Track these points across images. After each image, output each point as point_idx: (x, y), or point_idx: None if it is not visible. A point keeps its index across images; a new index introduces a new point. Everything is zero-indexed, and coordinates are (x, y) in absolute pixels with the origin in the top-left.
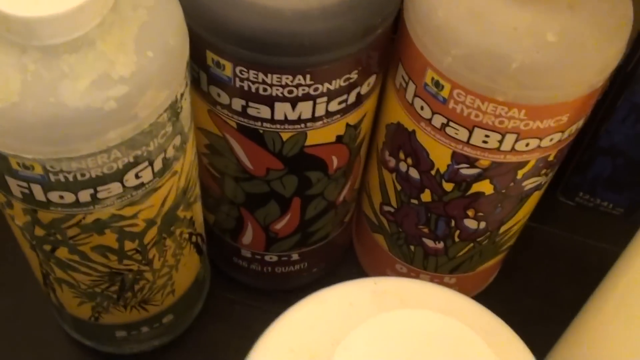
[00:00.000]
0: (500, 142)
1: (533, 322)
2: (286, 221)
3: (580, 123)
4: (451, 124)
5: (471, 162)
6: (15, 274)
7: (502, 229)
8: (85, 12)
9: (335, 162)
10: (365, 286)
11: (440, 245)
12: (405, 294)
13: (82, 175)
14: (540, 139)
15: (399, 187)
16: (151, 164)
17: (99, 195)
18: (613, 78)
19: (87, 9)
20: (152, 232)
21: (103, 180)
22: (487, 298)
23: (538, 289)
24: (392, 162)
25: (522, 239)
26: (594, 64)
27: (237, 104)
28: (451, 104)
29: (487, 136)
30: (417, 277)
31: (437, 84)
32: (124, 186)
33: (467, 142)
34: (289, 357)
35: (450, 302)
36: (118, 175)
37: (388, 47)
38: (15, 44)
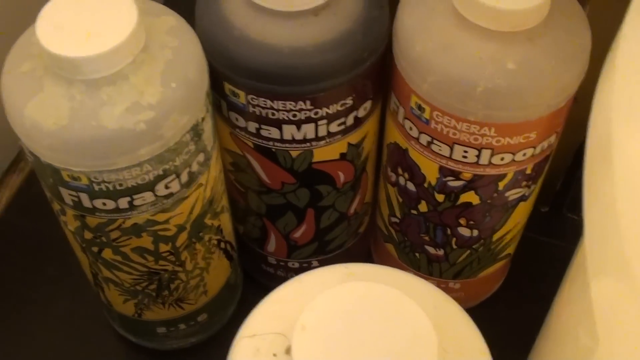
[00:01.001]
0: (478, 156)
1: (538, 329)
2: (303, 230)
3: (553, 139)
4: (435, 141)
5: (456, 175)
6: (73, 280)
7: (495, 236)
8: (120, 53)
9: (342, 177)
10: (338, 270)
11: (441, 252)
12: (371, 275)
13: (120, 185)
14: (514, 154)
15: (400, 200)
16: (178, 176)
17: (135, 203)
18: None
19: (122, 51)
20: (183, 237)
21: (137, 189)
22: (495, 304)
23: (544, 297)
24: (393, 177)
25: (531, 251)
26: (550, 87)
27: (252, 126)
28: (432, 124)
29: (465, 152)
30: None
31: (419, 107)
32: (155, 195)
33: (450, 157)
34: (272, 323)
35: (409, 282)
36: (150, 186)
37: (380, 76)
38: (64, 78)
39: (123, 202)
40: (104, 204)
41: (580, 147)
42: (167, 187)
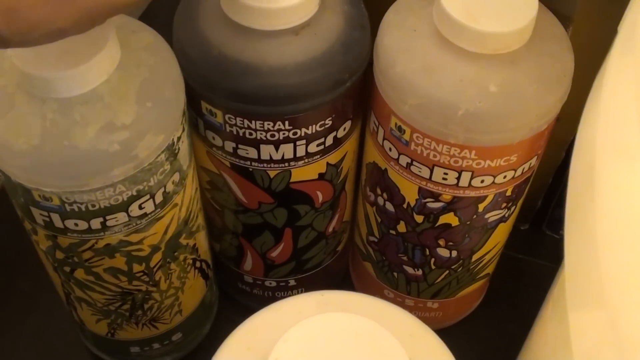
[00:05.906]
0: (458, 179)
1: (517, 347)
2: (280, 249)
3: (534, 161)
4: (415, 163)
5: (435, 197)
6: (47, 296)
7: (474, 257)
8: (94, 71)
9: (320, 196)
10: (313, 297)
11: (419, 272)
12: (346, 304)
13: (93, 205)
14: (494, 176)
15: (379, 219)
16: (152, 197)
17: (108, 224)
18: None
19: (96, 69)
20: (157, 257)
21: (110, 210)
22: (474, 322)
23: (523, 316)
24: (372, 197)
25: (510, 269)
26: (532, 111)
27: (229, 146)
28: (412, 146)
29: (445, 174)
30: (402, 302)
31: (399, 129)
32: (129, 216)
33: (430, 179)
34: (246, 354)
35: (384, 310)
36: (123, 206)
37: (360, 96)
38: (36, 96)
39: (95, 223)
40: (76, 224)
41: (561, 165)
42: (141, 207)
